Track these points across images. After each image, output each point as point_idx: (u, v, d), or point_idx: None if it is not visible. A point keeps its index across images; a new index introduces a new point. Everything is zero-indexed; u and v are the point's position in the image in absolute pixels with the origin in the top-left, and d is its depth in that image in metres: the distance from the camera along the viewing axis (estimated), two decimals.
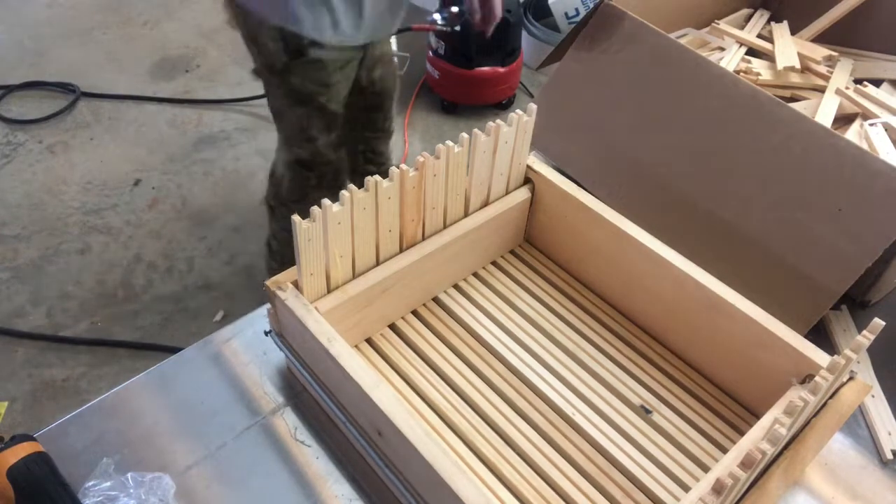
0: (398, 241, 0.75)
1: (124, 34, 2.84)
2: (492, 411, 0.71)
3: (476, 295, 0.83)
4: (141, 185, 2.22)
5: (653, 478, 0.67)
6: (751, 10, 1.38)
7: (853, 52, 1.27)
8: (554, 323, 0.81)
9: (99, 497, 0.62)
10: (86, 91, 2.53)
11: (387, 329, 0.78)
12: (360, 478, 0.67)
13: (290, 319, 0.68)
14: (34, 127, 2.39)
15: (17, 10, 2.91)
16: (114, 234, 2.06)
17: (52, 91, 2.53)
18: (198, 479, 0.66)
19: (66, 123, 2.42)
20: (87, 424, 0.69)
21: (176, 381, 0.74)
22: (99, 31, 2.84)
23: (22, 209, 2.11)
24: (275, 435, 0.70)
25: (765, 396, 0.69)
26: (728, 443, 0.71)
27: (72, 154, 2.31)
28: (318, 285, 0.69)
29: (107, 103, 2.51)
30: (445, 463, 0.56)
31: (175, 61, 2.71)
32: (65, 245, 2.02)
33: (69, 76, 2.58)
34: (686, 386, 0.76)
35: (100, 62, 2.69)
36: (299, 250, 0.65)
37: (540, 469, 0.67)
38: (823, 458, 0.72)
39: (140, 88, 2.57)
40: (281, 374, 0.75)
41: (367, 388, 0.60)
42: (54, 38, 2.78)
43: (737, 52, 1.24)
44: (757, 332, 0.69)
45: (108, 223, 2.09)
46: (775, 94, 0.95)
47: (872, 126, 1.06)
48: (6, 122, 2.40)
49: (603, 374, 0.76)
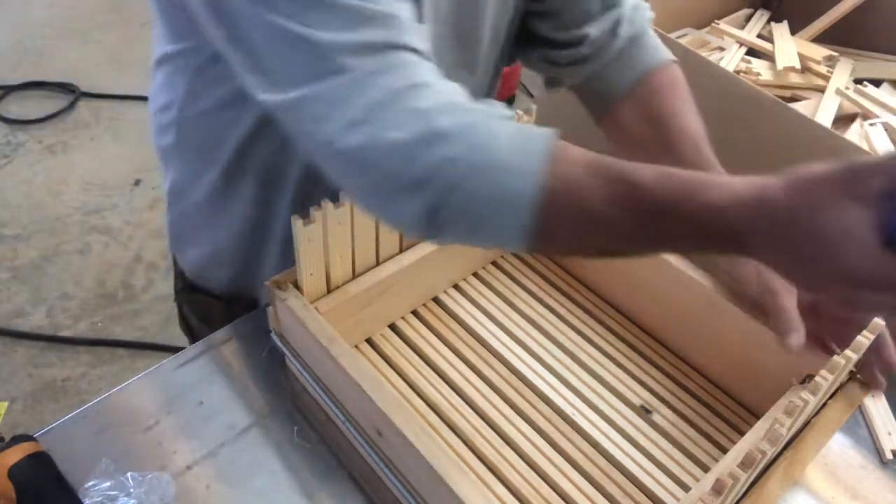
0: (398, 241, 0.75)
1: (124, 34, 2.84)
2: (492, 411, 0.71)
3: (476, 295, 0.83)
4: (141, 185, 2.22)
5: (653, 478, 0.67)
6: (751, 10, 1.38)
7: (853, 52, 1.27)
8: (554, 323, 0.81)
9: (99, 497, 0.62)
10: (86, 91, 2.53)
11: (387, 329, 0.78)
12: (360, 478, 0.67)
13: (290, 319, 0.68)
14: (34, 127, 2.39)
15: (17, 10, 2.91)
16: (114, 234, 2.06)
17: (52, 91, 2.53)
18: (198, 479, 0.66)
19: (66, 123, 2.42)
20: (87, 424, 0.69)
21: (176, 381, 0.74)
22: (99, 31, 2.84)
23: (22, 209, 2.11)
24: (275, 435, 0.70)
25: (765, 396, 0.69)
26: (728, 443, 0.71)
27: (72, 154, 2.31)
28: (318, 285, 0.69)
29: (107, 103, 2.51)
30: (445, 463, 0.56)
31: None
32: (65, 245, 2.02)
33: (69, 76, 2.58)
34: (686, 386, 0.76)
35: (100, 62, 2.69)
36: (299, 250, 0.65)
37: (540, 469, 0.67)
38: (823, 458, 0.72)
39: (140, 88, 2.57)
40: (281, 374, 0.75)
41: (367, 388, 0.60)
42: (54, 38, 2.78)
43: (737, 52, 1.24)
44: (757, 332, 0.69)
45: (108, 223, 2.09)
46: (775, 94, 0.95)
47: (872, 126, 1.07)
48: (6, 122, 2.40)
49: (603, 374, 0.76)
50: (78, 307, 1.86)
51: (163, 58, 0.73)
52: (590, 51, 0.76)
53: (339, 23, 0.48)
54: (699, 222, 0.47)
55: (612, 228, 0.49)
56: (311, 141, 0.51)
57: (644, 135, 0.75)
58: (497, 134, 0.49)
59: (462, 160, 0.48)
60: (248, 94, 0.52)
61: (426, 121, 0.48)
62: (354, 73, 0.48)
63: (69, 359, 1.75)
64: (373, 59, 0.48)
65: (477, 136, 0.49)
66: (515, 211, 0.49)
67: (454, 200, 0.49)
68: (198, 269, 0.89)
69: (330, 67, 0.48)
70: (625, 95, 0.77)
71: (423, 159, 0.48)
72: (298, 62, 0.48)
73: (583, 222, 0.49)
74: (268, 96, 0.50)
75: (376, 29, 0.49)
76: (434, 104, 0.49)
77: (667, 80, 0.76)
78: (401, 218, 0.51)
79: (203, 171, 0.78)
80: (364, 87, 0.48)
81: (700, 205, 0.47)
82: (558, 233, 0.50)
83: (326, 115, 0.49)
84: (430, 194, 0.48)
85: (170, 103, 0.75)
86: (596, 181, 0.49)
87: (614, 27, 0.75)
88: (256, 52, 0.50)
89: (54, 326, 1.82)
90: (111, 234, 2.06)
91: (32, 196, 2.16)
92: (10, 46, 2.72)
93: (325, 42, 0.48)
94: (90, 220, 2.10)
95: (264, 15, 0.48)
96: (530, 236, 0.49)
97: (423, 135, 0.48)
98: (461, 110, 0.50)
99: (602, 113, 0.79)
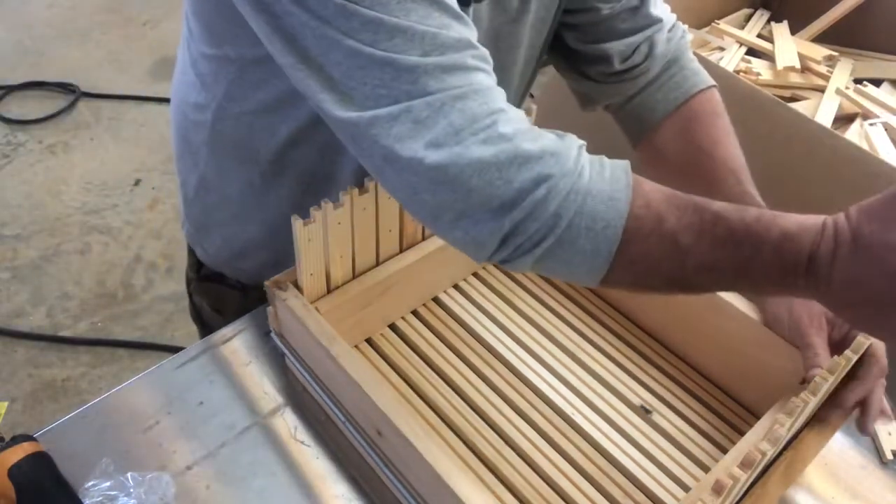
0: (398, 241, 0.75)
1: (124, 34, 2.84)
2: (492, 411, 0.71)
3: (476, 295, 0.83)
4: (141, 185, 2.22)
5: (653, 478, 0.67)
6: (751, 10, 1.39)
7: (853, 52, 1.27)
8: (554, 323, 0.81)
9: (99, 497, 0.62)
10: (86, 91, 2.53)
11: (387, 329, 0.78)
12: (360, 478, 0.67)
13: (290, 319, 0.68)
14: (34, 127, 2.39)
15: (17, 10, 2.91)
16: (114, 234, 2.06)
17: (52, 91, 2.53)
18: (198, 478, 0.66)
19: (66, 123, 2.42)
20: (87, 424, 0.69)
21: (176, 381, 0.74)
22: (99, 31, 2.84)
23: (22, 209, 2.11)
24: (275, 435, 0.70)
25: (765, 396, 0.69)
26: (728, 443, 0.71)
27: (72, 154, 2.31)
28: (318, 285, 0.69)
29: (107, 103, 2.51)
30: (445, 463, 0.56)
31: (175, 61, 2.70)
32: (65, 245, 2.02)
33: (69, 76, 2.58)
34: (686, 386, 0.76)
35: (100, 62, 2.69)
36: (299, 250, 0.65)
37: (540, 469, 0.67)
38: (823, 458, 0.72)
39: (140, 88, 2.57)
40: (281, 374, 0.75)
41: (367, 388, 0.60)
42: (54, 38, 2.78)
43: (737, 52, 1.24)
44: (757, 332, 0.69)
45: (108, 223, 2.09)
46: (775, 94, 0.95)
47: (872, 126, 1.07)
48: (6, 122, 2.40)
49: (603, 374, 0.76)
50: (78, 307, 1.86)
51: (200, 57, 0.73)
52: (622, 68, 0.75)
53: (420, 48, 0.49)
54: (780, 251, 0.48)
55: (693, 257, 0.50)
56: (392, 156, 0.51)
57: (683, 163, 0.74)
58: (579, 160, 0.51)
59: (553, 183, 0.49)
60: (318, 109, 0.53)
61: (512, 144, 0.49)
62: (437, 95, 0.49)
63: (69, 359, 1.75)
64: (453, 81, 0.50)
65: (563, 162, 0.50)
66: (603, 235, 0.50)
67: (539, 223, 0.49)
68: (221, 260, 0.89)
69: (414, 90, 0.49)
70: (664, 120, 0.76)
71: (516, 180, 0.49)
72: (381, 84, 0.49)
73: (664, 250, 0.50)
74: (343, 113, 0.51)
75: (453, 53, 0.50)
76: (515, 130, 0.50)
77: (709, 107, 0.76)
78: (480, 238, 0.51)
79: (238, 169, 0.78)
80: (447, 109, 0.49)
81: (777, 234, 0.48)
82: (637, 261, 0.51)
83: (411, 135, 0.49)
84: (517, 214, 0.49)
85: (206, 103, 0.75)
86: (677, 211, 0.50)
87: (649, 48, 0.74)
88: (333, 73, 0.51)
89: (54, 326, 1.82)
90: (111, 234, 2.06)
91: (32, 196, 2.16)
92: (10, 46, 2.72)
93: (409, 65, 0.49)
94: (90, 220, 2.10)
95: (344, 41, 0.49)
96: (610, 263, 0.50)
97: (512, 156, 0.49)
98: (541, 137, 0.51)
99: (640, 137, 0.79)
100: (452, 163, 0.49)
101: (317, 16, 0.49)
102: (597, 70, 0.77)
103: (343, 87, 0.51)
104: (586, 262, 0.51)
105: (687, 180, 0.72)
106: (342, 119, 0.51)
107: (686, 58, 0.78)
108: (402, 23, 0.49)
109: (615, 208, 0.50)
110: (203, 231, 0.88)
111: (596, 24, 0.74)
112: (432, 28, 0.50)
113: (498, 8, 0.69)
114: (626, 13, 0.73)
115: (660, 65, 0.76)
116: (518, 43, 0.74)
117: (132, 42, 2.80)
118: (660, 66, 0.76)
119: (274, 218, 0.80)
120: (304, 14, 0.49)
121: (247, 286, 0.89)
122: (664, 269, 0.51)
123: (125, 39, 2.81)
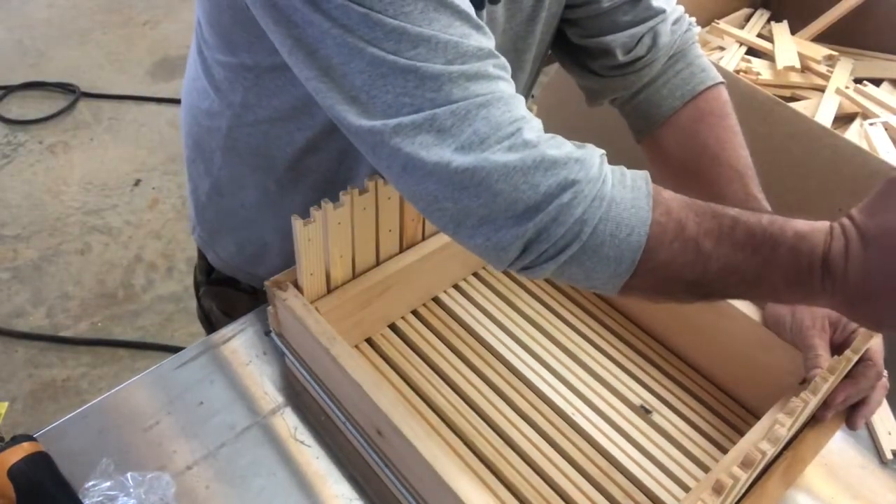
0: (398, 241, 0.75)
1: (124, 34, 2.84)
2: (492, 411, 0.71)
3: (476, 295, 0.83)
4: (141, 185, 2.22)
5: (653, 478, 0.67)
6: (751, 10, 1.39)
7: (853, 52, 1.27)
8: (554, 323, 0.81)
9: (99, 497, 0.62)
10: (86, 91, 2.53)
11: (387, 329, 0.78)
12: (360, 478, 0.67)
13: (290, 319, 0.68)
14: (34, 127, 2.39)
15: (17, 10, 2.91)
16: (114, 234, 2.06)
17: (52, 91, 2.53)
18: (198, 478, 0.66)
19: (66, 123, 2.42)
20: (87, 424, 0.69)
21: (176, 381, 0.74)
22: (99, 31, 2.84)
23: (22, 209, 2.11)
24: (275, 435, 0.70)
25: (765, 396, 0.69)
26: (728, 443, 0.71)
27: (72, 154, 2.31)
28: (318, 285, 0.69)
29: (107, 103, 2.51)
30: (445, 463, 0.56)
31: (175, 61, 2.71)
32: (65, 245, 2.02)
33: (69, 76, 2.58)
34: (686, 386, 0.76)
35: (100, 62, 2.69)
36: (299, 250, 0.65)
37: (540, 469, 0.67)
38: (823, 458, 0.72)
39: (140, 88, 2.57)
40: (281, 374, 0.75)
41: (367, 388, 0.60)
42: (54, 38, 2.78)
43: (737, 51, 1.24)
44: (757, 332, 0.69)
45: (108, 223, 2.09)
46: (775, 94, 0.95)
47: (872, 125, 1.07)
48: (6, 122, 2.40)
49: (603, 374, 0.76)
50: (78, 307, 1.86)
51: (215, 64, 0.72)
52: (626, 60, 0.74)
53: (444, 57, 0.49)
54: (795, 251, 0.49)
55: (715, 262, 0.50)
56: (414, 163, 0.51)
57: (688, 163, 0.74)
58: (602, 167, 0.51)
59: (578, 188, 0.49)
60: (337, 121, 0.53)
61: (538, 150, 0.50)
62: (462, 103, 0.49)
63: (69, 359, 1.75)
64: (477, 89, 0.50)
65: (587, 168, 0.50)
66: (627, 242, 0.50)
67: (564, 227, 0.49)
68: (234, 264, 0.89)
69: (438, 98, 0.49)
70: (670, 117, 0.76)
71: (542, 184, 0.49)
72: (405, 92, 0.49)
73: (687, 256, 0.51)
74: (365, 122, 0.51)
75: (476, 62, 0.50)
76: (539, 136, 0.51)
77: (716, 106, 0.75)
78: (502, 243, 0.51)
79: (253, 175, 0.78)
80: (472, 118, 0.49)
81: (791, 235, 0.49)
82: (659, 268, 0.51)
83: (436, 142, 0.50)
84: (542, 219, 0.49)
85: (220, 110, 0.75)
86: (697, 217, 0.51)
87: (653, 39, 0.74)
88: (355, 81, 0.51)
89: (54, 326, 1.82)
90: (111, 234, 2.06)
91: (32, 196, 2.16)
92: (10, 46, 2.72)
93: (433, 74, 0.49)
94: (90, 220, 2.10)
95: (367, 49, 0.49)
96: (633, 271, 0.51)
97: (538, 162, 0.49)
98: (564, 144, 0.51)
99: (645, 133, 0.78)
100: (480, 167, 0.49)
101: (339, 24, 0.49)
102: (600, 64, 0.76)
103: (365, 95, 0.51)
104: (609, 270, 0.51)
105: (692, 181, 0.72)
106: (363, 129, 0.51)
107: (693, 53, 0.77)
108: (426, 32, 0.49)
109: (638, 216, 0.50)
110: (216, 236, 0.88)
111: (597, 17, 0.74)
112: (455, 37, 0.50)
113: (513, 8, 0.69)
114: (626, 5, 0.73)
115: (665, 56, 0.75)
116: (534, 41, 0.74)
117: (132, 42, 2.80)
118: (665, 57, 0.75)
119: (289, 224, 0.80)
120: (327, 22, 0.49)
121: (258, 290, 0.88)
122: (686, 275, 0.51)
123: (125, 39, 2.81)
